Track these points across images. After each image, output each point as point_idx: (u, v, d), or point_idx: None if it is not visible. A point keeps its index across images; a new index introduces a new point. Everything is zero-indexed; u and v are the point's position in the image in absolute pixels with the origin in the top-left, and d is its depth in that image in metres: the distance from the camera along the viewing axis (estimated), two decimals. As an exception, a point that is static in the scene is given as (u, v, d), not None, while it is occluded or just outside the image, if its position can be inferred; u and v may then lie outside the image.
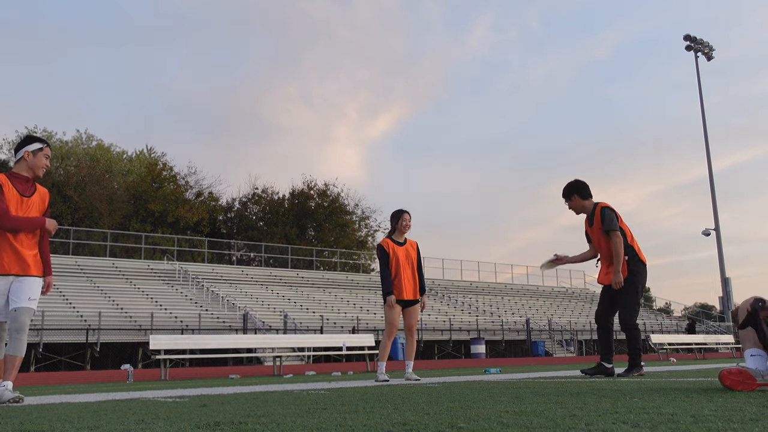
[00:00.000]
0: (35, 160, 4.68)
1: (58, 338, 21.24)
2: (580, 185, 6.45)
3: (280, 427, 2.23)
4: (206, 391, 5.10)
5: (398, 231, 6.80)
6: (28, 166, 4.67)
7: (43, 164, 4.74)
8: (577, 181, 6.48)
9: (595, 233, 6.36)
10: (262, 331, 24.74)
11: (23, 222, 4.55)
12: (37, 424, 2.59)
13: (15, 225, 4.50)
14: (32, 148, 4.69)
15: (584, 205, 6.43)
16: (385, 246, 6.69)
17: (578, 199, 6.43)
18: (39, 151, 4.70)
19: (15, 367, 4.23)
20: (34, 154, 4.68)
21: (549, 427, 2.01)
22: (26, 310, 4.36)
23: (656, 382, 4.50)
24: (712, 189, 39.33)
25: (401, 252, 6.73)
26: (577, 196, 6.43)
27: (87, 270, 30.33)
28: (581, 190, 6.42)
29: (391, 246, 6.70)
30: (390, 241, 6.75)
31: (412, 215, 6.96)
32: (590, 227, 6.44)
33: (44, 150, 4.74)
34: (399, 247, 6.74)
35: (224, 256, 43.88)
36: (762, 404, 2.60)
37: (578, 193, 6.43)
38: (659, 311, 48.64)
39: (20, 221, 4.54)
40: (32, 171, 4.69)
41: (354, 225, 52.29)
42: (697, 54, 41.41)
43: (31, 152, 4.68)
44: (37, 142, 4.74)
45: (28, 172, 4.67)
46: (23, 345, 4.28)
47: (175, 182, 46.59)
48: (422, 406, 2.99)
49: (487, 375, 7.76)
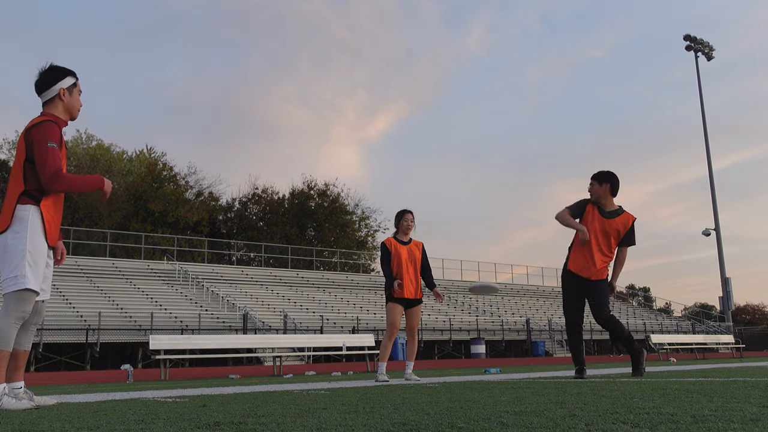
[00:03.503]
0: (72, 99, 3.78)
1: (58, 338, 21.23)
2: (616, 179, 6.43)
3: (280, 427, 2.23)
4: (206, 391, 5.10)
5: (401, 231, 6.85)
6: (65, 107, 3.75)
7: (80, 104, 3.83)
8: (616, 176, 6.47)
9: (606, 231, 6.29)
10: (262, 331, 24.74)
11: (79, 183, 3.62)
12: (37, 424, 2.58)
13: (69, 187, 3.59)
14: (67, 84, 3.76)
15: (607, 199, 6.39)
16: (388, 244, 6.74)
17: (607, 189, 6.38)
18: (74, 87, 3.80)
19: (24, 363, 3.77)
20: (70, 92, 3.77)
21: (549, 427, 2.01)
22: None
23: (656, 382, 4.49)
24: (712, 189, 39.33)
25: (404, 251, 6.76)
26: (609, 186, 6.39)
27: (87, 270, 30.33)
28: (615, 185, 6.41)
29: (394, 244, 6.75)
30: (393, 239, 6.80)
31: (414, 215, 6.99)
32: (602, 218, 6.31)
33: (77, 85, 3.83)
34: (402, 246, 6.78)
35: (224, 256, 43.88)
36: (762, 404, 2.60)
37: (611, 184, 6.40)
38: (659, 311, 48.62)
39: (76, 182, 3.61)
40: (69, 113, 3.78)
41: (354, 225, 52.30)
42: (697, 54, 41.42)
43: (66, 89, 3.75)
44: (69, 75, 3.78)
45: (65, 114, 3.75)
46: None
47: (175, 182, 46.60)
48: (422, 406, 2.99)
49: (487, 375, 7.76)
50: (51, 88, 3.72)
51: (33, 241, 3.54)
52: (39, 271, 3.57)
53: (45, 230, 3.59)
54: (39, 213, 3.56)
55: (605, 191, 6.36)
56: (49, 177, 3.51)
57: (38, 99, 3.80)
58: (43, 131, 3.56)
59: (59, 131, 3.64)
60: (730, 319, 38.98)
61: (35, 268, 3.54)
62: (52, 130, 3.57)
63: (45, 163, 3.51)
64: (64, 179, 3.55)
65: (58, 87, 3.72)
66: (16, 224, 3.53)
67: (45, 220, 3.58)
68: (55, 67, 3.77)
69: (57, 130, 3.61)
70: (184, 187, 47.40)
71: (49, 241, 3.63)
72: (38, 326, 3.83)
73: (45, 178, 3.52)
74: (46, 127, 3.57)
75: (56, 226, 3.71)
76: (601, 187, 6.37)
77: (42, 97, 3.76)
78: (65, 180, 3.55)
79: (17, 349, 3.63)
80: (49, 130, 3.57)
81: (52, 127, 3.59)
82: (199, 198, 47.95)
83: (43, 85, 3.73)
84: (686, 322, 43.00)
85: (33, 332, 3.75)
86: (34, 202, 3.56)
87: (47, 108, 3.74)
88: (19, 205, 3.54)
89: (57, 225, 3.72)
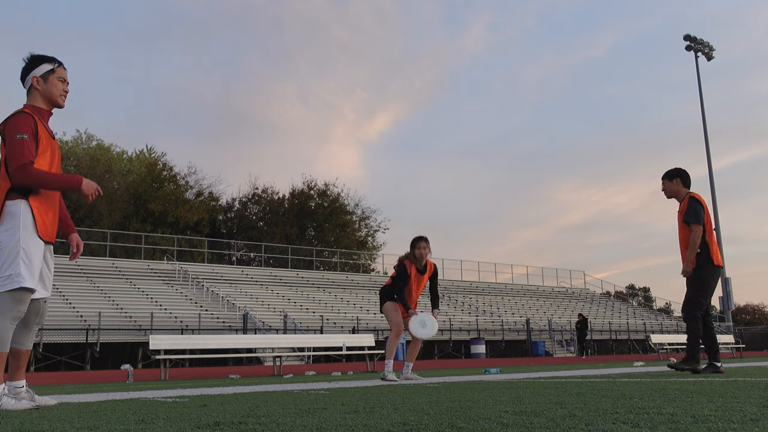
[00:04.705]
0: (48, 86, 3.66)
1: (58, 338, 21.23)
2: (686, 173, 6.53)
3: (280, 427, 2.23)
4: (206, 391, 5.10)
5: (416, 257, 6.94)
6: (42, 95, 3.66)
7: (61, 89, 3.70)
8: (685, 170, 6.55)
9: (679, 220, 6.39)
10: (262, 331, 24.73)
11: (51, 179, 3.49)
12: (37, 424, 2.58)
13: (39, 182, 3.44)
14: (42, 71, 3.65)
15: (679, 192, 6.49)
16: (408, 267, 6.90)
17: (679, 183, 6.49)
18: (50, 74, 3.67)
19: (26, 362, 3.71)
20: (45, 79, 3.66)
21: (549, 427, 2.01)
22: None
23: (656, 382, 4.49)
24: (712, 189, 39.32)
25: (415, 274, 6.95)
26: (680, 180, 6.49)
27: (87, 270, 30.32)
28: (686, 178, 6.51)
29: (412, 269, 6.90)
30: (411, 263, 6.93)
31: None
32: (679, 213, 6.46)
33: (57, 71, 3.69)
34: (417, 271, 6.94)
35: (224, 256, 43.87)
36: (762, 404, 2.60)
37: (682, 178, 6.50)
38: (659, 311, 48.63)
39: (47, 178, 3.47)
40: (49, 101, 3.68)
41: (354, 225, 52.30)
42: (697, 54, 41.40)
43: (40, 77, 3.65)
44: (46, 62, 3.67)
45: (45, 104, 3.67)
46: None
47: (175, 182, 46.59)
48: (422, 406, 2.99)
49: (487, 375, 7.76)
50: (25, 78, 3.67)
51: (26, 238, 3.45)
52: (35, 268, 3.48)
53: (37, 225, 3.48)
54: (29, 207, 3.48)
55: (677, 185, 6.47)
56: (15, 169, 3.41)
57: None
58: (13, 124, 3.49)
59: (32, 122, 3.51)
60: (730, 319, 38.97)
61: (30, 265, 3.46)
62: (23, 121, 3.49)
63: (12, 154, 3.42)
64: (32, 173, 3.41)
65: (30, 76, 3.65)
66: (7, 221, 3.45)
67: (36, 214, 3.48)
68: (31, 56, 3.68)
69: (29, 120, 3.50)
70: (184, 187, 47.38)
71: (43, 236, 3.52)
72: (40, 326, 3.77)
73: (11, 170, 3.42)
74: (18, 119, 3.51)
75: (51, 220, 3.61)
76: (673, 183, 6.49)
77: (25, 88, 3.71)
78: (33, 174, 3.41)
79: (19, 348, 3.61)
80: (20, 121, 3.50)
81: (24, 118, 3.50)
82: (199, 198, 47.93)
83: (21, 77, 3.68)
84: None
85: (35, 332, 3.70)
86: (22, 197, 3.47)
87: (28, 100, 3.68)
88: (8, 201, 3.47)
89: (53, 220, 3.63)
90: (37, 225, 3.49)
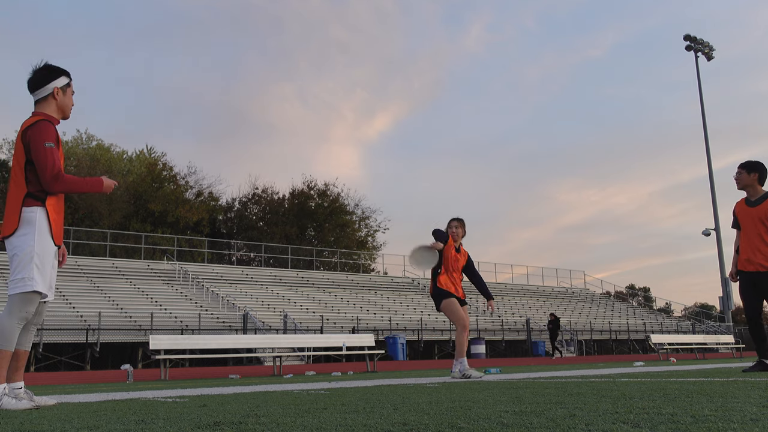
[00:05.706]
0: (65, 99, 3.76)
1: (57, 338, 21.22)
2: (764, 168, 6.39)
3: (280, 427, 2.23)
4: (206, 391, 5.10)
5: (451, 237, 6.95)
6: (58, 106, 3.73)
7: (72, 103, 3.82)
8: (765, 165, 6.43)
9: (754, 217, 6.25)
10: (262, 331, 24.72)
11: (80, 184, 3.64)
12: (37, 424, 2.58)
13: (69, 188, 3.60)
14: (62, 83, 3.74)
15: (755, 186, 6.36)
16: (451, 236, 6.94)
17: (756, 178, 6.35)
18: (68, 87, 3.79)
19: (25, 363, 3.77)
20: (63, 91, 3.75)
21: (549, 427, 2.01)
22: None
23: (656, 382, 4.49)
24: (712, 188, 39.31)
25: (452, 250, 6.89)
26: (758, 175, 6.36)
27: (87, 270, 30.31)
28: (763, 173, 6.36)
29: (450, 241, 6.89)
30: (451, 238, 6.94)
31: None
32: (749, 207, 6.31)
33: (71, 85, 3.82)
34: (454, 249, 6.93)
35: (224, 256, 43.86)
36: (762, 404, 2.60)
37: (760, 173, 6.36)
38: (659, 311, 48.61)
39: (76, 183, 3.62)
40: (62, 112, 3.77)
41: (354, 225, 52.28)
42: (697, 54, 41.39)
43: (60, 89, 3.73)
44: (64, 75, 3.77)
45: (58, 113, 3.74)
46: None
47: (175, 182, 46.59)
48: (422, 406, 2.99)
49: (487, 375, 7.76)
50: (45, 86, 3.70)
51: (41, 243, 3.55)
52: (46, 272, 3.58)
53: (52, 231, 3.59)
54: (45, 213, 3.57)
55: (753, 180, 6.34)
56: (51, 178, 3.51)
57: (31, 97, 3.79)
58: (39, 132, 3.54)
59: (55, 130, 3.61)
60: (730, 319, 38.96)
61: (42, 269, 3.56)
62: (48, 130, 3.57)
63: (46, 164, 3.50)
64: (65, 180, 3.54)
65: (52, 86, 3.70)
66: (24, 227, 3.54)
67: (51, 220, 3.59)
68: (49, 66, 3.76)
69: (53, 129, 3.60)
70: (184, 187, 47.37)
71: (56, 241, 3.64)
72: (38, 326, 3.82)
73: (46, 180, 3.51)
74: (42, 127, 3.56)
75: (61, 225, 3.72)
76: (750, 176, 6.35)
77: (35, 95, 3.73)
78: (66, 181, 3.55)
79: (18, 349, 3.63)
80: (45, 129, 3.56)
81: (48, 127, 3.57)
82: (199, 198, 47.92)
83: (37, 83, 3.71)
84: (686, 322, 42.98)
85: (33, 332, 3.75)
86: (40, 203, 3.56)
87: (39, 106, 3.71)
88: (25, 208, 3.54)
89: (61, 225, 3.74)
90: (52, 230, 3.60)
